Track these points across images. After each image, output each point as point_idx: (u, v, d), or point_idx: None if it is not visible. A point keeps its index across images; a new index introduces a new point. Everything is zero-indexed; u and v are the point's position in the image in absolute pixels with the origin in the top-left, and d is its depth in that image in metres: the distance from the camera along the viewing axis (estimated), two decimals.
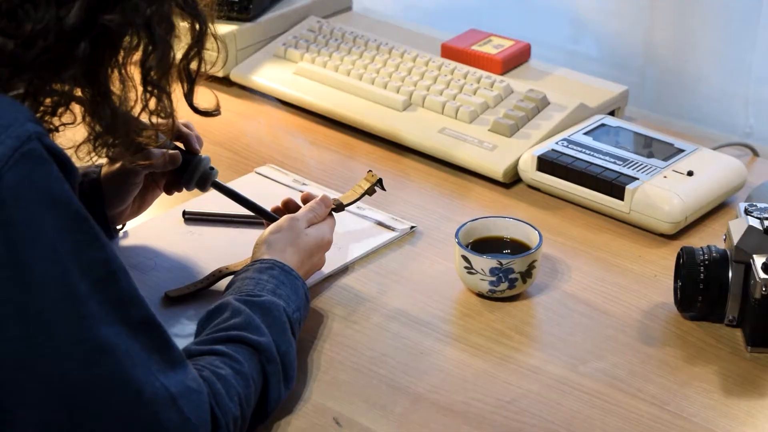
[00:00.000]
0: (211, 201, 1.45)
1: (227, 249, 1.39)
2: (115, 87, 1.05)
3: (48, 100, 1.02)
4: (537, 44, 1.75)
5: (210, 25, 1.13)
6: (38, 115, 1.01)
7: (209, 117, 1.27)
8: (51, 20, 0.97)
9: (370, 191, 1.43)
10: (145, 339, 0.98)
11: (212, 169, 1.36)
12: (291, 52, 1.77)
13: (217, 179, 1.36)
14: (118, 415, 0.97)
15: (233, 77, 1.78)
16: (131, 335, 0.97)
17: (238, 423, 1.06)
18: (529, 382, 1.20)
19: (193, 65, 1.16)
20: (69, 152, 1.02)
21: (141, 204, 1.38)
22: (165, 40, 1.06)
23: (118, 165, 1.33)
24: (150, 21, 1.03)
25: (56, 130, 1.04)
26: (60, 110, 1.03)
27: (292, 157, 1.61)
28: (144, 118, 1.11)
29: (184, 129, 1.35)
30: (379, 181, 1.43)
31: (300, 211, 1.33)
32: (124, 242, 1.40)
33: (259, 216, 1.39)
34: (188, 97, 1.20)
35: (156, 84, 1.09)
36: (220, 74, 1.77)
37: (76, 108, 1.05)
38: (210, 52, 1.77)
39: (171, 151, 1.32)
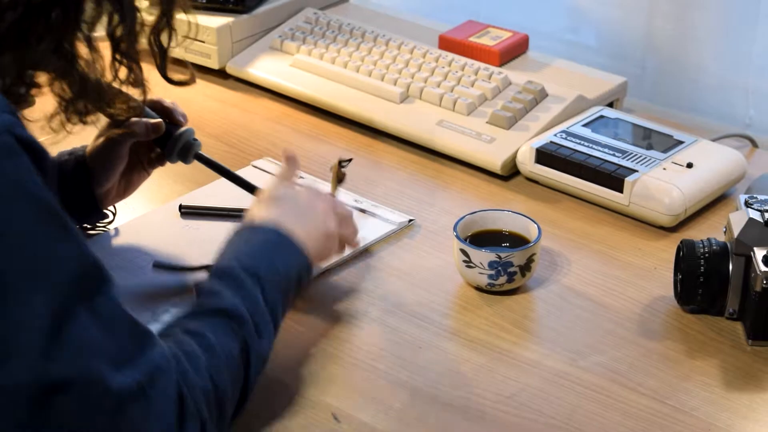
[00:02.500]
0: (208, 195, 1.44)
1: None
2: (83, 53, 1.04)
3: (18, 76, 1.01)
4: (535, 35, 1.74)
5: None
6: (12, 89, 1.00)
7: (184, 87, 1.26)
8: None
9: (340, 177, 1.40)
10: (116, 332, 0.97)
11: (195, 140, 1.35)
12: (287, 44, 1.76)
13: (200, 151, 1.35)
14: (84, 405, 0.95)
15: (229, 70, 1.77)
16: (101, 327, 0.95)
17: (210, 395, 1.03)
18: (529, 376, 1.19)
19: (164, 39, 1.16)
20: (42, 124, 1.02)
21: (127, 185, 1.37)
22: (132, 10, 1.06)
23: (102, 140, 1.32)
24: None
25: (28, 102, 1.03)
26: (30, 81, 1.02)
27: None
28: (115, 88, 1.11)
29: (167, 102, 1.35)
30: (341, 164, 1.40)
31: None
32: (121, 237, 1.40)
33: (244, 189, 1.39)
34: (161, 68, 1.19)
35: (125, 54, 1.08)
36: (216, 66, 1.77)
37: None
38: (206, 44, 1.77)
39: (153, 120, 1.32)
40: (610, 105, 1.64)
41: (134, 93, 1.14)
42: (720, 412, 1.14)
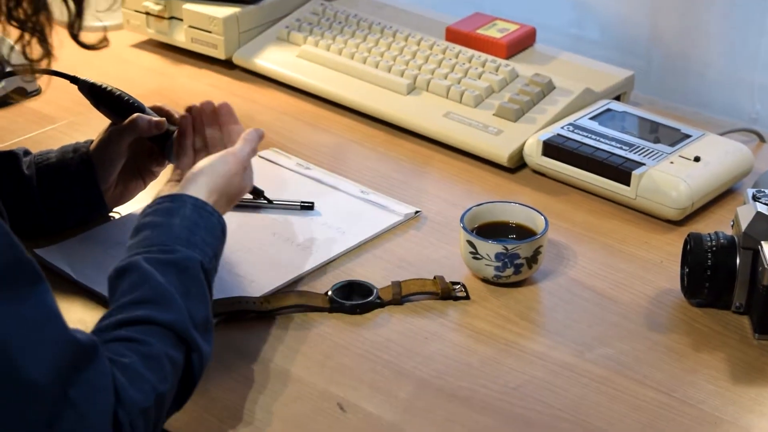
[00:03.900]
0: None
1: (230, 233, 1.37)
2: None
3: None
4: (540, 28, 1.74)
5: None
6: None
7: (94, 50, 1.16)
8: None
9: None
10: (45, 339, 0.93)
11: None
12: (294, 35, 1.76)
13: None
14: (13, 412, 0.92)
15: (236, 60, 1.77)
16: (35, 335, 0.92)
17: (151, 411, 1.00)
18: (535, 368, 1.19)
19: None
20: None
21: (123, 191, 1.37)
22: None
23: (104, 134, 1.32)
24: None
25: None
26: None
27: (296, 140, 1.60)
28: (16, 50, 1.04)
29: (164, 107, 1.35)
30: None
31: (239, 147, 1.28)
32: (123, 228, 1.39)
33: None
34: (72, 26, 1.08)
35: (24, 23, 1.01)
36: (223, 57, 1.76)
37: None
38: (213, 35, 1.77)
39: (156, 118, 1.31)
40: (617, 98, 1.64)
41: (35, 53, 1.04)
42: (726, 405, 1.14)
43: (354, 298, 1.27)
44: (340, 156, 1.56)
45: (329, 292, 1.27)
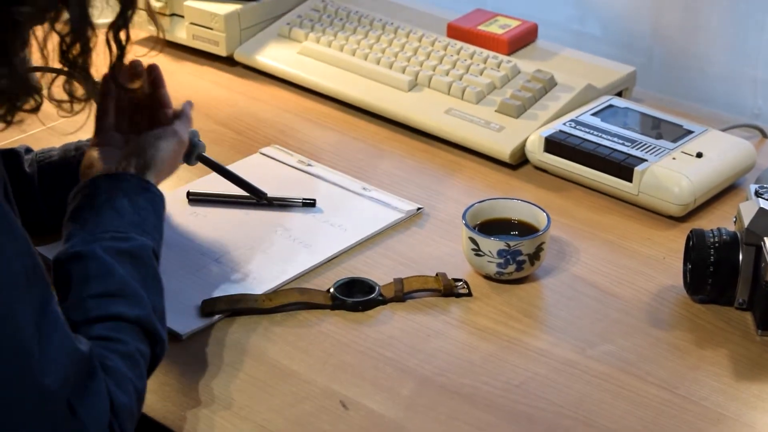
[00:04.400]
0: (216, 182, 1.44)
1: (232, 230, 1.38)
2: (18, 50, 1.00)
3: None
4: (542, 24, 1.74)
5: None
6: None
7: (134, 95, 1.22)
8: None
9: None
10: (55, 343, 0.94)
11: (199, 141, 1.34)
12: (296, 32, 1.76)
13: (204, 153, 1.35)
14: (23, 415, 0.92)
15: (237, 57, 1.77)
16: (47, 341, 0.93)
17: (134, 411, 1.01)
18: (537, 365, 1.19)
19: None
20: None
21: None
22: (86, 22, 1.03)
23: None
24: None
25: None
26: None
27: (297, 137, 1.60)
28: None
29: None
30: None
31: (180, 125, 1.26)
32: None
33: (246, 191, 1.39)
34: (113, 68, 1.14)
35: (74, 64, 1.05)
36: (224, 54, 1.76)
37: None
38: (214, 32, 1.76)
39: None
40: (619, 94, 1.64)
41: (77, 106, 1.10)
42: (729, 401, 1.14)
43: (356, 296, 1.27)
44: (342, 153, 1.56)
45: (331, 290, 1.27)
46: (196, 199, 1.44)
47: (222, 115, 1.64)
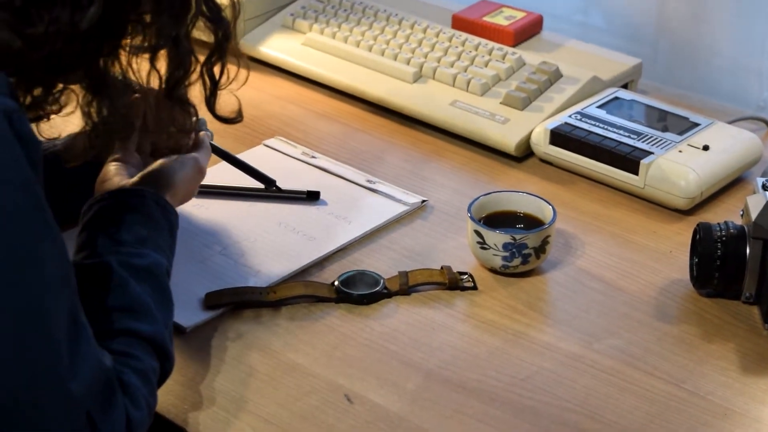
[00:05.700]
0: (220, 173, 1.43)
1: (236, 222, 1.37)
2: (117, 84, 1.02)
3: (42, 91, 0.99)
4: (547, 15, 1.73)
5: (233, 31, 1.11)
6: (29, 100, 0.97)
7: (231, 124, 1.23)
8: (64, 23, 0.93)
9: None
10: (81, 344, 0.94)
11: (207, 130, 1.33)
12: (299, 23, 1.75)
13: (212, 141, 1.34)
14: (46, 416, 0.91)
15: (241, 48, 1.76)
16: (69, 342, 0.92)
17: (146, 425, 1.01)
18: (543, 359, 1.18)
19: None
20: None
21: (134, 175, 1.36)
22: (188, 53, 1.06)
23: None
24: (176, 38, 1.04)
25: (46, 116, 1.01)
26: (53, 99, 1.00)
27: (301, 129, 1.59)
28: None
29: None
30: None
31: (201, 154, 1.26)
32: None
33: (254, 177, 1.39)
34: (209, 101, 1.15)
35: (178, 100, 1.08)
36: None
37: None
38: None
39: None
40: (625, 86, 1.63)
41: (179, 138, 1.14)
42: (736, 396, 1.13)
43: (360, 288, 1.26)
44: (346, 145, 1.55)
45: (336, 282, 1.26)
46: (200, 190, 1.43)
47: (225, 107, 1.62)
